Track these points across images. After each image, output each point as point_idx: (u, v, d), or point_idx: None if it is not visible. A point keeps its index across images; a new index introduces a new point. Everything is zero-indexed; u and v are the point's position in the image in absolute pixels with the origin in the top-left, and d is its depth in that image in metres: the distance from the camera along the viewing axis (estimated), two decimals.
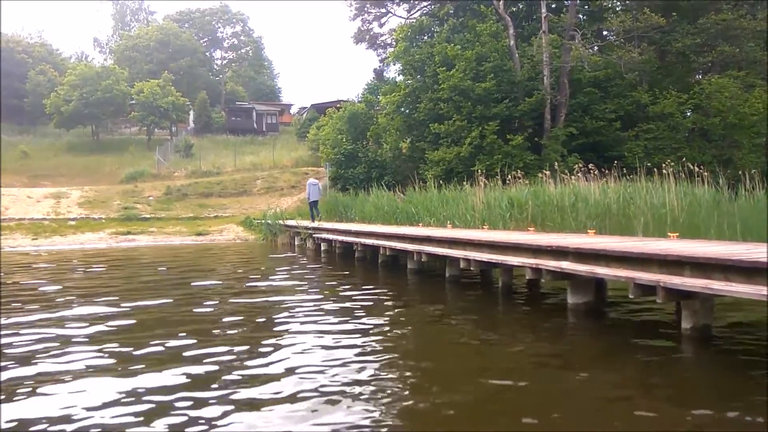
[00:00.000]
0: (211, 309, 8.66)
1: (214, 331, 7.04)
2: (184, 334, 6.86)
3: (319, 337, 6.58)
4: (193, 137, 45.42)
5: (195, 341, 6.47)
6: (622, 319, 7.49)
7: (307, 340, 6.42)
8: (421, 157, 24.48)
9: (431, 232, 12.29)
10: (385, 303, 9.00)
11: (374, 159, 28.11)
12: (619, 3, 26.36)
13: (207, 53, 62.79)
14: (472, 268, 9.55)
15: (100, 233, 25.82)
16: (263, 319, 8.00)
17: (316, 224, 19.80)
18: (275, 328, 7.26)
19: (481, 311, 8.44)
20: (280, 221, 23.64)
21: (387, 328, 7.14)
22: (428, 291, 10.39)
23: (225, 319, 7.84)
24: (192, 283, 11.80)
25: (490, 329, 7.28)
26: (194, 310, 8.55)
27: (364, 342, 6.39)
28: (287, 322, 7.48)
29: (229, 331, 7.10)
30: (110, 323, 7.51)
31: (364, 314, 7.98)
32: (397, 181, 24.38)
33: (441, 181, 19.11)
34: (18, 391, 4.74)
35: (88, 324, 7.40)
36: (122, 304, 8.92)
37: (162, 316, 8.16)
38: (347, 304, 8.81)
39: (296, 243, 20.93)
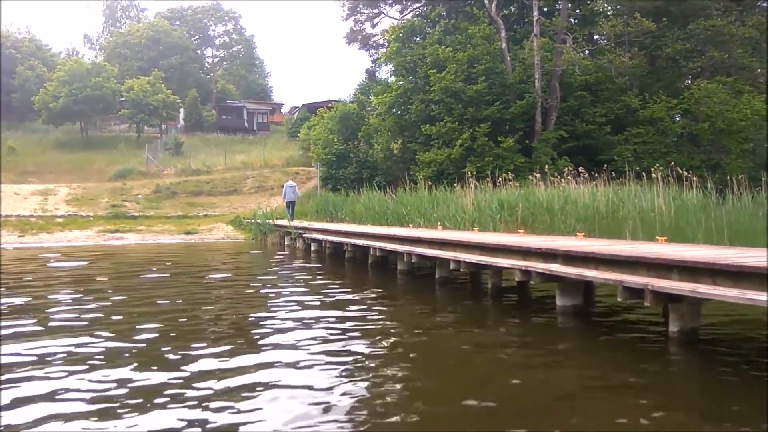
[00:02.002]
0: (199, 314, 8.61)
1: (203, 336, 7.00)
2: (158, 335, 6.81)
3: (303, 336, 6.53)
4: (183, 135, 45.18)
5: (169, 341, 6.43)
6: (610, 322, 7.52)
7: (290, 339, 6.38)
8: (412, 158, 24.51)
9: (421, 233, 12.29)
10: (375, 304, 8.97)
11: (365, 159, 28.11)
12: (610, 7, 26.53)
13: (198, 51, 62.58)
14: (461, 270, 9.55)
15: (88, 231, 25.61)
16: (249, 317, 7.95)
17: (295, 223, 20.81)
18: (260, 326, 7.21)
19: (470, 313, 8.44)
20: (270, 221, 23.57)
21: (376, 329, 7.12)
22: (418, 292, 10.38)
23: (208, 317, 7.79)
24: (176, 278, 11.71)
25: (479, 331, 7.28)
26: (179, 310, 8.50)
27: (352, 340, 6.36)
28: (272, 321, 7.42)
29: (215, 329, 7.06)
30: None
31: (352, 315, 7.95)
32: (388, 182, 24.39)
33: (432, 183, 19.12)
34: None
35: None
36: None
37: (156, 318, 8.12)
38: (335, 305, 8.77)
39: (286, 243, 20.89)
